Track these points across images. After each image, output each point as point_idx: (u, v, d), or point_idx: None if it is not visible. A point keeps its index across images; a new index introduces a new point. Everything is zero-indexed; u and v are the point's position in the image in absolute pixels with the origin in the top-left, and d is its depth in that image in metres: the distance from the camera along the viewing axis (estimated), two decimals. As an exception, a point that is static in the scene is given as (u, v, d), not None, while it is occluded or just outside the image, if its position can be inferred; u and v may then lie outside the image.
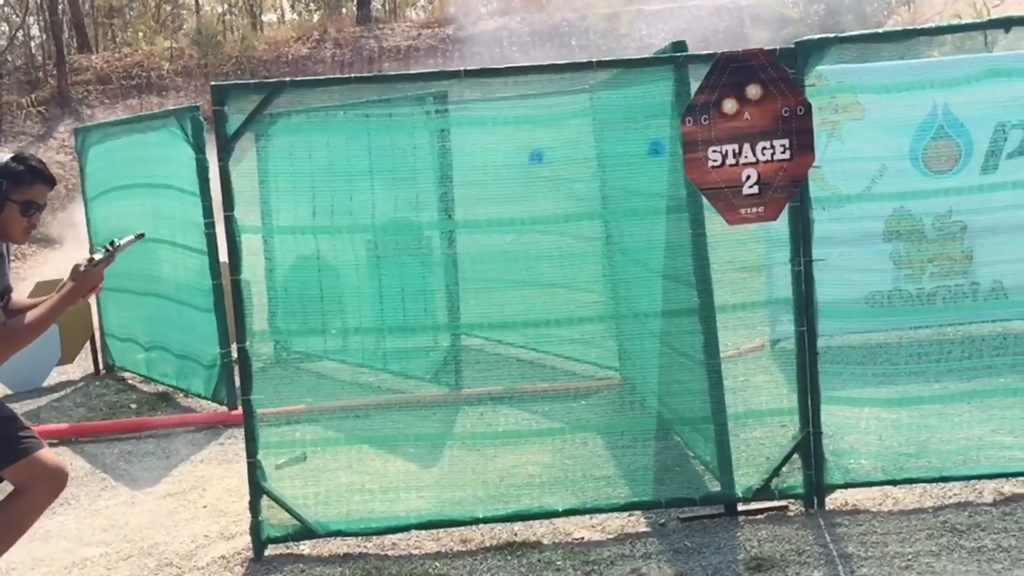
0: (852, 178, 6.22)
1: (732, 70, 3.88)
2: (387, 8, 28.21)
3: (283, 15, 30.58)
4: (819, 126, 6.48)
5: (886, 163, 6.30)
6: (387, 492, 4.23)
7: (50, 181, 3.19)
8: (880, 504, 3.92)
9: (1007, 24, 3.96)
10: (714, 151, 3.88)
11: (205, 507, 4.58)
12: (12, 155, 3.15)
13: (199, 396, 6.42)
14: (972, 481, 3.98)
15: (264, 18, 30.38)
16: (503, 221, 4.62)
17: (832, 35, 4.03)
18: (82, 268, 3.11)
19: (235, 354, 3.95)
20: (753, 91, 3.90)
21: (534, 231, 4.83)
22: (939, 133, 6.29)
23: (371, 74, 4.36)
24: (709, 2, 22.75)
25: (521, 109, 5.05)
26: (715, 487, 4.00)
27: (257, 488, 3.85)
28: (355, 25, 23.97)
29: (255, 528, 3.85)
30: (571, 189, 5.23)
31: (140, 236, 3.38)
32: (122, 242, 3.26)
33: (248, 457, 3.87)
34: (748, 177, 3.91)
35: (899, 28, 4.23)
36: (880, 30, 4.22)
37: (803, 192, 3.96)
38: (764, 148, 3.91)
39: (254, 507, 3.85)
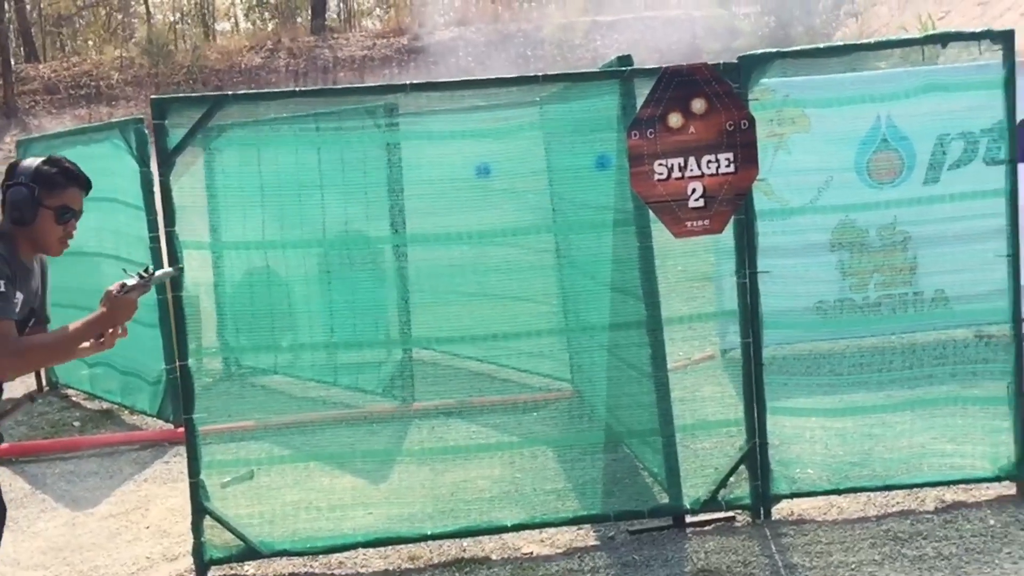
0: (799, 190, 6.29)
1: (677, 84, 3.92)
2: (342, 18, 28.11)
3: (237, 24, 30.33)
4: (767, 139, 6.58)
5: (832, 175, 6.38)
6: (335, 509, 4.18)
7: (86, 184, 2.93)
8: (825, 513, 3.95)
9: (944, 39, 4.05)
10: (660, 164, 3.91)
11: (148, 528, 4.49)
12: (44, 158, 2.89)
13: (144, 413, 6.30)
14: (915, 489, 4.04)
15: (217, 27, 30.12)
16: (454, 234, 4.61)
17: (774, 50, 4.08)
18: (115, 294, 2.74)
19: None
20: (698, 105, 3.93)
21: (485, 244, 4.82)
22: (883, 145, 6.41)
23: (315, 88, 4.32)
24: (663, 14, 23.01)
25: (471, 122, 5.03)
26: (664, 499, 4.01)
27: (199, 508, 3.78)
28: (309, 35, 23.86)
29: (197, 549, 3.78)
30: (522, 202, 5.22)
31: (178, 270, 3.14)
32: (158, 272, 2.91)
33: (190, 477, 3.80)
34: (694, 190, 3.94)
35: (839, 44, 4.29)
36: (820, 45, 4.28)
37: (748, 205, 4.00)
38: (709, 162, 3.95)
39: (196, 528, 3.77)
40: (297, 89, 3.84)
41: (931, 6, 19.59)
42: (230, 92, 4.03)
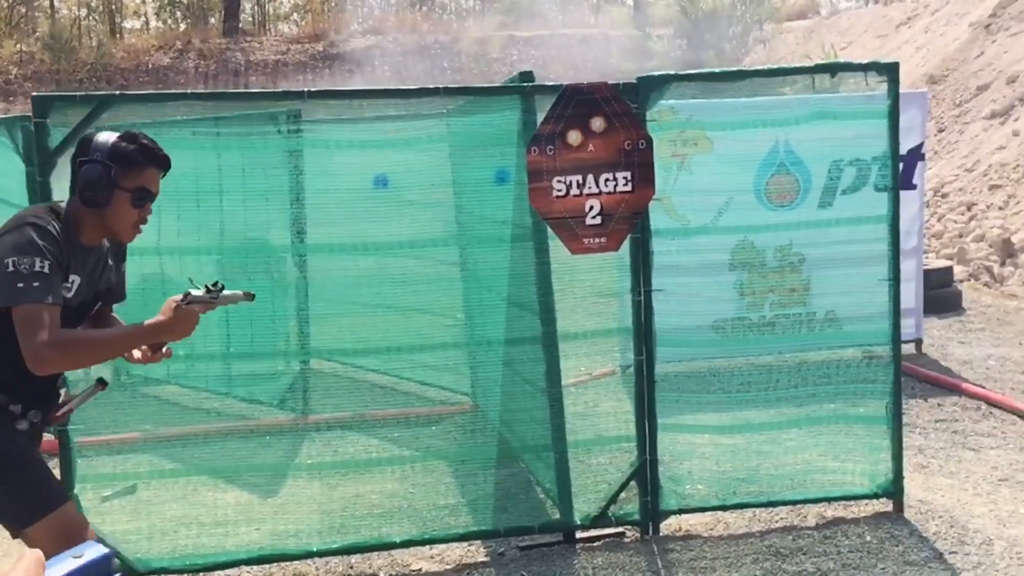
0: (701, 210, 6.42)
1: (577, 102, 3.94)
2: (256, 21, 27.64)
3: (147, 23, 29.53)
4: (670, 159, 6.71)
5: (732, 196, 6.53)
6: (219, 525, 4.06)
7: (165, 163, 2.67)
8: (712, 529, 4.02)
9: (833, 69, 4.19)
10: (559, 181, 3.93)
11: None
12: (120, 133, 2.63)
13: (26, 423, 6.01)
14: (798, 505, 4.13)
15: (126, 25, 29.25)
16: (357, 245, 4.55)
17: (672, 72, 4.15)
18: (180, 303, 2.50)
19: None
20: (597, 123, 3.97)
21: (387, 255, 4.77)
22: (780, 169, 6.58)
23: (209, 91, 4.21)
24: (579, 32, 23.30)
25: (375, 132, 4.99)
26: (555, 515, 4.02)
27: (74, 524, 3.61)
28: (221, 37, 23.37)
29: (70, 567, 3.61)
30: (425, 214, 5.20)
31: (250, 297, 2.68)
32: (227, 293, 2.58)
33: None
34: (591, 208, 3.97)
35: (733, 69, 4.39)
36: (715, 70, 4.38)
37: (644, 224, 4.04)
38: (607, 180, 3.98)
39: (70, 544, 3.60)
40: (189, 92, 3.73)
41: (835, 37, 20.35)
42: (118, 92, 3.89)
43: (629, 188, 3.96)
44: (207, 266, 5.98)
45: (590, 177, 3.94)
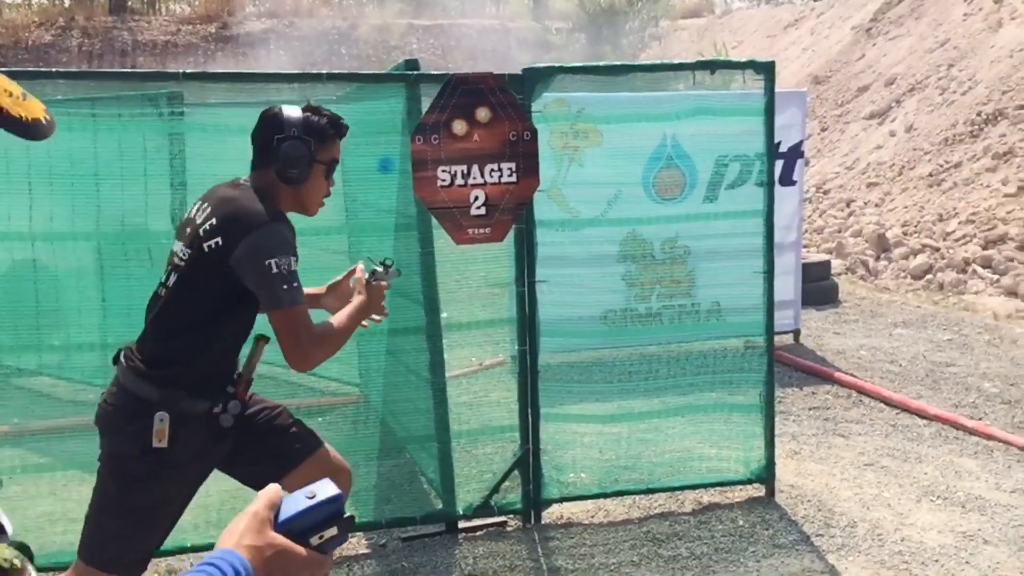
0: (591, 202, 6.50)
1: (463, 92, 3.94)
2: (146, 0, 26.64)
3: (28, -3, 28.09)
4: (562, 151, 6.75)
5: (621, 189, 6.64)
6: (89, 522, 3.90)
7: (345, 132, 2.65)
8: (593, 516, 4.09)
9: (712, 66, 4.29)
10: (443, 171, 3.91)
11: None
12: (304, 106, 2.58)
13: None
14: (676, 492, 4.24)
15: (6, 0, 27.76)
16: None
17: (557, 64, 4.19)
18: (372, 283, 2.59)
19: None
20: (482, 114, 3.97)
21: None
22: (668, 163, 6.71)
23: (75, 70, 4.04)
24: (479, 22, 23.28)
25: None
26: (439, 505, 4.02)
27: (-73, 523, 3.42)
28: (107, 15, 22.44)
29: (-77, 569, 3.42)
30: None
31: (398, 274, 2.84)
32: (393, 268, 2.76)
33: (-83, 489, 3.44)
34: (476, 198, 3.97)
35: (616, 63, 4.46)
36: (599, 63, 4.44)
37: (528, 215, 4.07)
38: (492, 170, 3.99)
39: (-78, 545, 3.41)
40: (60, 71, 3.57)
41: (727, 36, 20.91)
42: (-22, 68, 3.69)
43: (514, 179, 3.98)
44: (83, 253, 5.76)
45: (475, 167, 3.94)
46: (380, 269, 2.68)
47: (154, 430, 2.43)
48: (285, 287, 2.36)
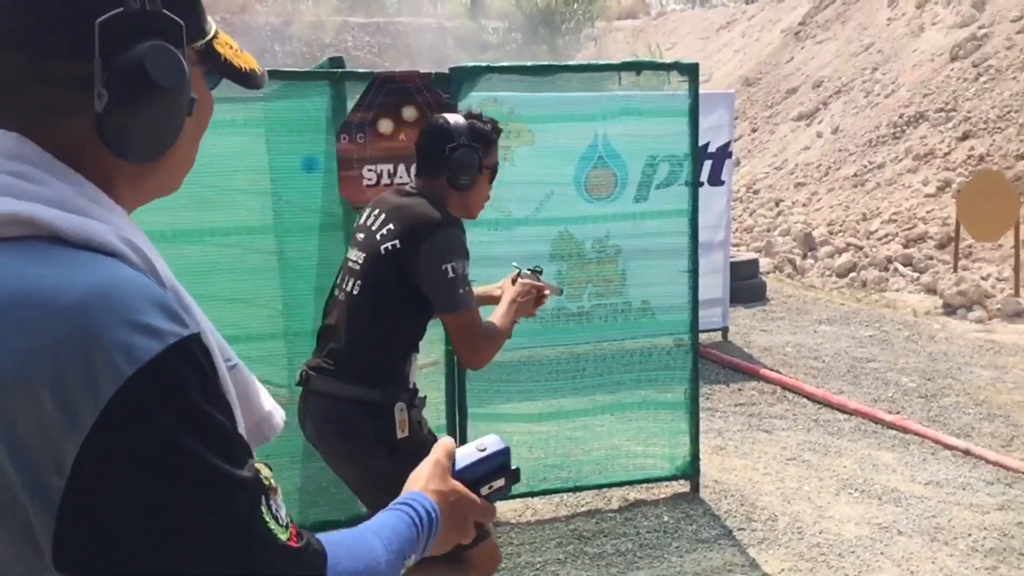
0: (523, 201, 6.53)
1: (389, 91, 3.92)
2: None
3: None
4: (493, 150, 6.71)
5: (553, 188, 6.67)
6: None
7: (500, 134, 2.69)
8: (520, 515, 4.10)
9: (638, 67, 4.34)
10: (369, 170, 3.89)
11: None
12: (466, 112, 2.63)
13: None
14: (604, 489, 4.28)
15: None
16: (179, 232, 4.35)
17: (484, 64, 4.19)
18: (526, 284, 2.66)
19: None
20: (409, 113, 3.95)
21: (202, 243, 4.59)
22: (599, 163, 6.76)
23: None
24: (414, 21, 23.18)
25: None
26: (364, 508, 3.98)
27: None
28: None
29: None
30: (245, 201, 5.04)
31: (558, 292, 3.02)
32: (543, 280, 2.80)
33: None
34: (403, 197, 3.95)
35: (545, 64, 4.48)
36: (527, 63, 4.46)
37: (456, 214, 4.06)
38: (419, 170, 3.96)
39: None
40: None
41: (661, 38, 21.18)
42: None
43: (441, 179, 3.96)
44: None
45: (401, 167, 3.92)
46: (529, 273, 2.82)
47: (396, 422, 2.51)
48: (461, 291, 2.45)
